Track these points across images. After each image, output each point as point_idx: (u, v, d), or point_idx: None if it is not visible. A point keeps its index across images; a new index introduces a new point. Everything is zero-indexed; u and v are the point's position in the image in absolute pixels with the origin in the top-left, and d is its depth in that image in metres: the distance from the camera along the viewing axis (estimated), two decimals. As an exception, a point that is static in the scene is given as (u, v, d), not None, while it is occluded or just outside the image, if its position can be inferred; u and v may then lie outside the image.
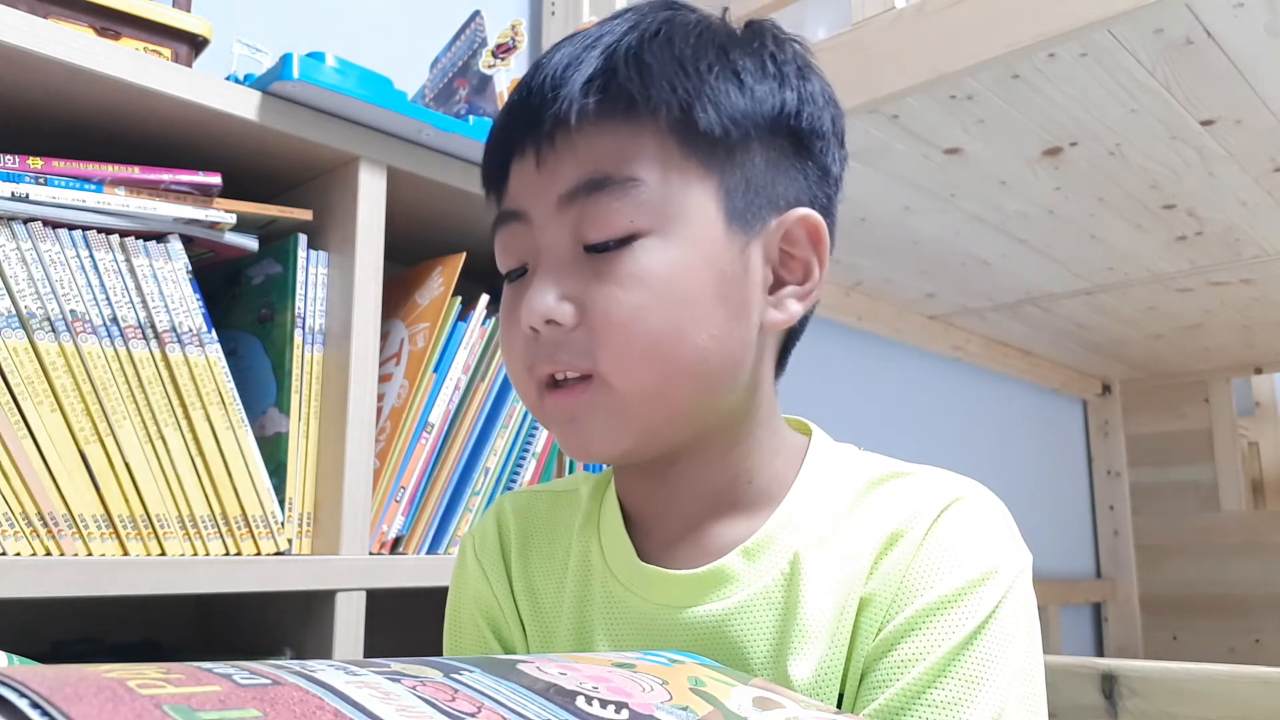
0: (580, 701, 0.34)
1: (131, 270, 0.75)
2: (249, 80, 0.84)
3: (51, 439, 0.70)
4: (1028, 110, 1.10)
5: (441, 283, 0.93)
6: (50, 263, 0.71)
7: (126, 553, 0.72)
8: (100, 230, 0.74)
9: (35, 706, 0.23)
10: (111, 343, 0.73)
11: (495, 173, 0.55)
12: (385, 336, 0.94)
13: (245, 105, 0.80)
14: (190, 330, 0.77)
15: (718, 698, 0.39)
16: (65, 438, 0.71)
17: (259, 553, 0.79)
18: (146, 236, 0.76)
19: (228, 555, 0.77)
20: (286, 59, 0.79)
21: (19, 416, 0.69)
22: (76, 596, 0.68)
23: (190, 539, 0.75)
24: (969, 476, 0.53)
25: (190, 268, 0.78)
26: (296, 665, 0.31)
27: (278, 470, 0.82)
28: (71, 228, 0.73)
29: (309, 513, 0.84)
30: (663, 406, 0.51)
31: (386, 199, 0.87)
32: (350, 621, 0.81)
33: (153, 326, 0.75)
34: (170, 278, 0.77)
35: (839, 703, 0.48)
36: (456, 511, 0.93)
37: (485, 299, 0.96)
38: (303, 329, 0.85)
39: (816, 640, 0.49)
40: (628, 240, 0.49)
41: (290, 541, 0.82)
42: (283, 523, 0.81)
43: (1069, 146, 1.20)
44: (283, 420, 0.84)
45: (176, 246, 0.77)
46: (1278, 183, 1.30)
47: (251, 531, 0.79)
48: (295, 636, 0.84)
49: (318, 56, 0.82)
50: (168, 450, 0.75)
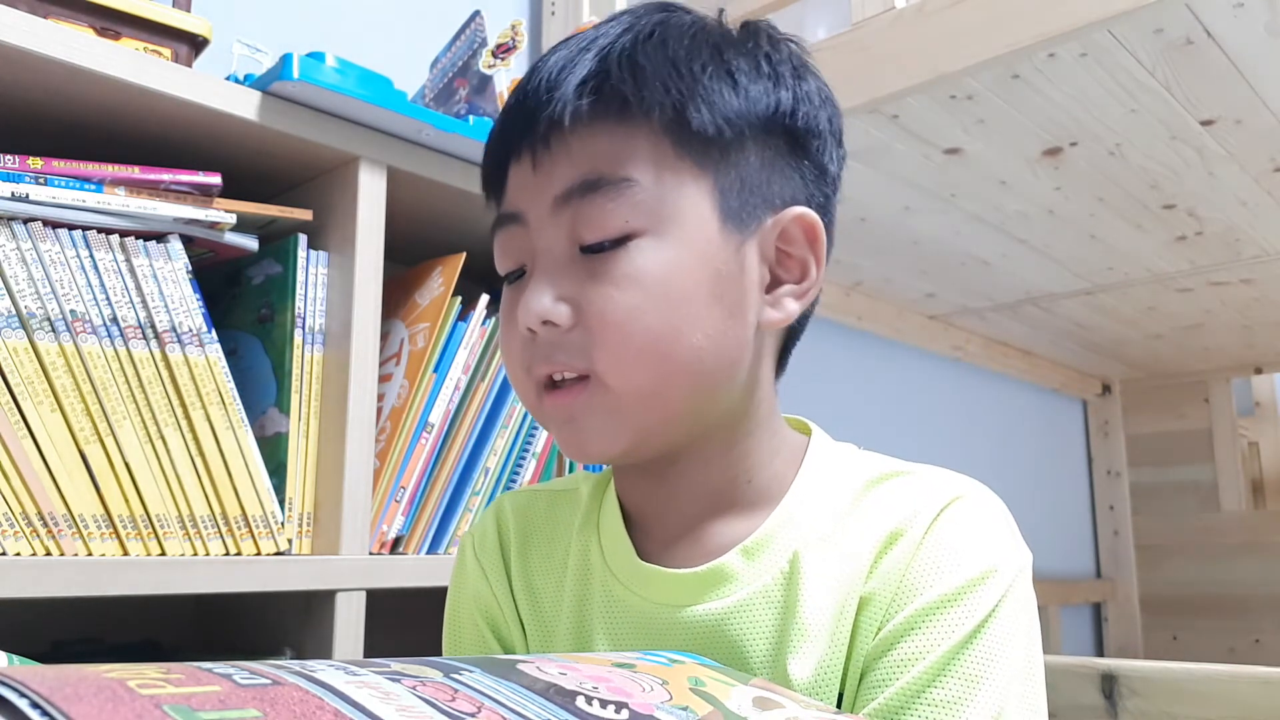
0: (580, 701, 0.34)
1: (131, 270, 0.75)
2: (249, 80, 0.84)
3: (51, 439, 0.70)
4: (1028, 110, 1.10)
5: (441, 283, 0.93)
6: (50, 263, 0.71)
7: (126, 553, 0.72)
8: (100, 230, 0.74)
9: (35, 706, 0.23)
10: (111, 343, 0.73)
11: (493, 176, 0.56)
12: (385, 336, 0.94)
13: (245, 105, 0.80)
14: (190, 330, 0.77)
15: (718, 698, 0.39)
16: (65, 438, 0.71)
17: (259, 553, 0.79)
18: (146, 236, 0.76)
19: (228, 555, 0.77)
20: (286, 59, 0.79)
21: (19, 416, 0.69)
22: (76, 596, 0.68)
23: (190, 539, 0.75)
24: (969, 476, 0.53)
25: (190, 268, 0.78)
26: (296, 665, 0.31)
27: (278, 470, 0.82)
28: (71, 228, 0.73)
29: (309, 513, 0.84)
30: (659, 406, 0.51)
31: (386, 199, 0.87)
32: (350, 621, 0.81)
33: (153, 326, 0.75)
34: (170, 278, 0.77)
35: (839, 702, 0.48)
36: (456, 511, 0.93)
37: (485, 299, 0.96)
38: (303, 329, 0.85)
39: (816, 639, 0.49)
40: (623, 240, 0.50)
41: (290, 541, 0.82)
42: (283, 523, 0.81)
43: (1069, 146, 1.20)
44: (283, 420, 0.84)
45: (176, 246, 0.77)
46: (1278, 183, 1.30)
47: (251, 531, 0.79)
48: (295, 636, 0.84)
49: (318, 56, 0.82)
50: (168, 450, 0.75)
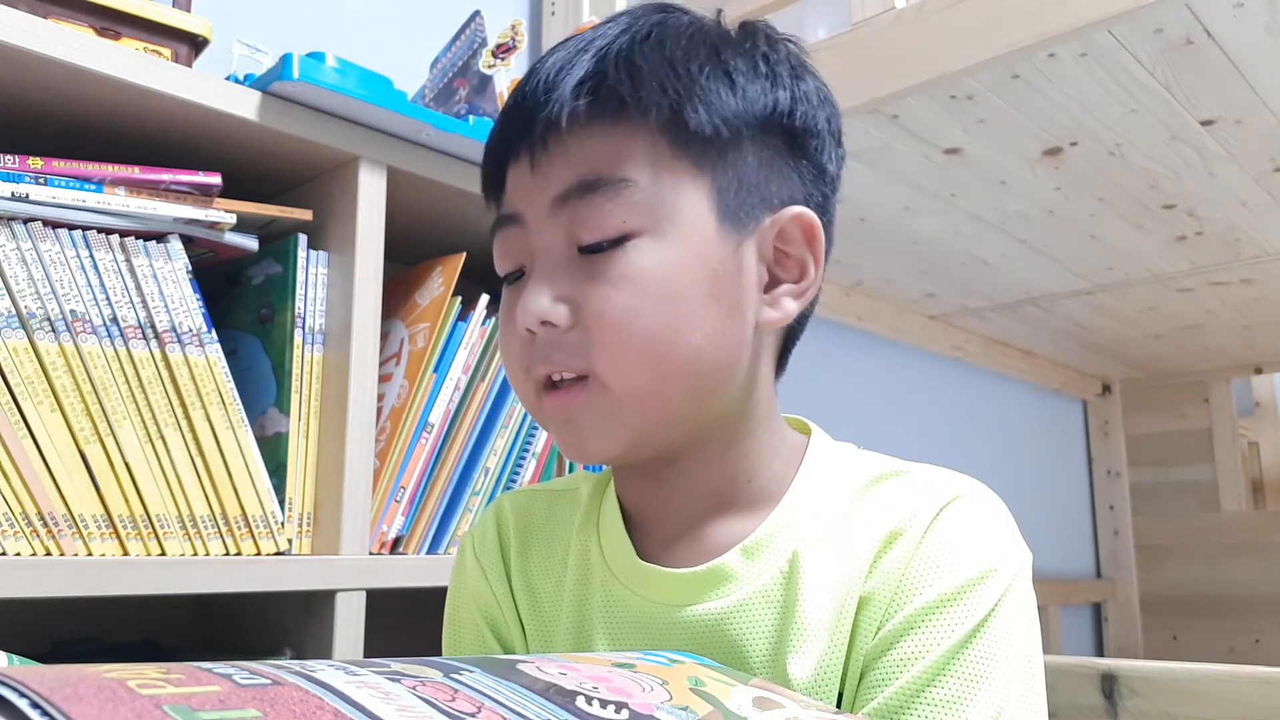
0: (580, 701, 0.34)
1: (131, 270, 0.75)
2: (249, 80, 0.84)
3: (51, 439, 0.70)
4: (1028, 110, 1.10)
5: (441, 283, 0.93)
6: (50, 263, 0.71)
7: (126, 553, 0.72)
8: (100, 230, 0.74)
9: (35, 706, 0.23)
10: (111, 343, 0.73)
11: (493, 178, 0.56)
12: (385, 336, 0.94)
13: (245, 105, 0.80)
14: (190, 330, 0.77)
15: (718, 698, 0.39)
16: (65, 438, 0.71)
17: (259, 553, 0.79)
18: (146, 236, 0.76)
19: (228, 555, 0.77)
20: (286, 59, 0.79)
21: (19, 416, 0.69)
22: (76, 596, 0.68)
23: (190, 539, 0.75)
24: (969, 476, 0.53)
25: (190, 268, 0.78)
26: (296, 665, 0.31)
27: (278, 470, 0.82)
28: (71, 228, 0.73)
29: (309, 513, 0.84)
30: (658, 406, 0.51)
31: (386, 199, 0.87)
32: (350, 621, 0.81)
33: (153, 326, 0.75)
34: (170, 278, 0.77)
35: (838, 701, 0.48)
36: (456, 511, 0.93)
37: (485, 299, 0.96)
38: (303, 329, 0.85)
39: (815, 639, 0.49)
40: (621, 241, 0.50)
41: (290, 541, 0.82)
42: (283, 523, 0.81)
43: (1069, 146, 1.20)
44: (283, 420, 0.84)
45: (176, 246, 0.77)
46: (1278, 183, 1.30)
47: (251, 531, 0.79)
48: (295, 636, 0.84)
49: (318, 56, 0.82)
50: (168, 450, 0.75)
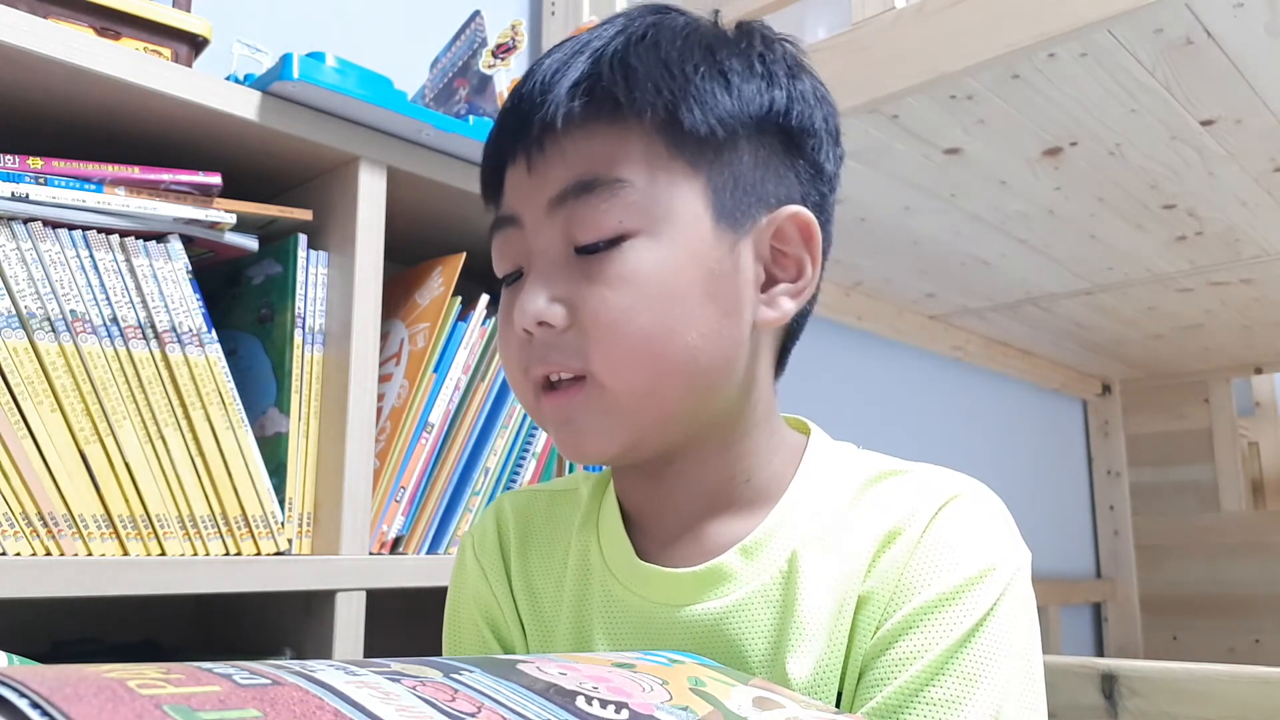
0: (580, 701, 0.34)
1: (131, 270, 0.75)
2: (249, 80, 0.84)
3: (51, 439, 0.70)
4: (1028, 110, 1.10)
5: (441, 283, 0.93)
6: (50, 263, 0.71)
7: (126, 553, 0.72)
8: (100, 230, 0.74)
9: (35, 706, 0.23)
10: (111, 343, 0.73)
11: (491, 179, 0.56)
12: (385, 336, 0.94)
13: (245, 105, 0.80)
14: (190, 330, 0.77)
15: (718, 698, 0.39)
16: (65, 438, 0.71)
17: (259, 553, 0.79)
18: (146, 236, 0.76)
19: (228, 555, 0.77)
20: (286, 59, 0.79)
21: (19, 416, 0.69)
22: (76, 596, 0.68)
23: (190, 539, 0.75)
24: (968, 476, 0.53)
25: (190, 268, 0.78)
26: (296, 665, 0.31)
27: (278, 470, 0.82)
28: (71, 228, 0.73)
29: (309, 513, 0.84)
30: (655, 406, 0.51)
31: (386, 199, 0.88)
32: (350, 621, 0.81)
33: (153, 326, 0.75)
34: (170, 278, 0.77)
35: (837, 700, 0.48)
36: (456, 511, 0.93)
37: (485, 299, 0.96)
38: (303, 329, 0.85)
39: (815, 638, 0.49)
40: (617, 241, 0.50)
41: (290, 541, 0.82)
42: (283, 523, 0.81)
43: (1069, 146, 1.19)
44: (283, 420, 0.84)
45: (176, 246, 0.77)
46: (1278, 183, 1.30)
47: (251, 531, 0.79)
48: (295, 636, 0.84)
49: (318, 56, 0.82)
50: (168, 450, 0.75)
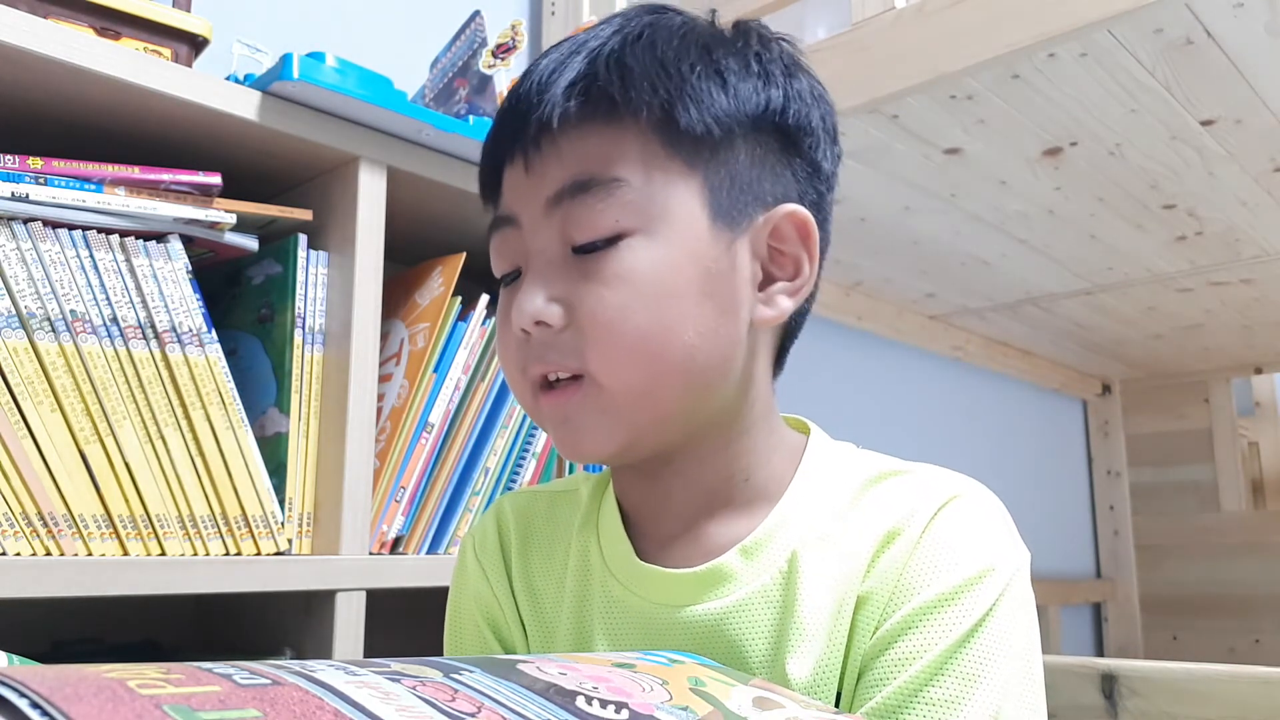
0: (580, 701, 0.34)
1: (131, 270, 0.75)
2: (249, 80, 0.84)
3: (51, 439, 0.70)
4: (1028, 110, 1.10)
5: (441, 283, 0.93)
6: (50, 263, 0.71)
7: (126, 553, 0.72)
8: (100, 230, 0.74)
9: (35, 706, 0.23)
10: (111, 343, 0.73)
11: (489, 179, 0.56)
12: (385, 336, 0.94)
13: (245, 105, 0.80)
14: (190, 330, 0.77)
15: (718, 698, 0.39)
16: (65, 438, 0.71)
17: (259, 553, 0.79)
18: (146, 236, 0.76)
19: (228, 555, 0.77)
20: (286, 59, 0.79)
21: (19, 416, 0.69)
22: (76, 596, 0.68)
23: (190, 539, 0.75)
24: (969, 476, 0.53)
25: (190, 268, 0.78)
26: (296, 665, 0.31)
27: (278, 470, 0.82)
28: (71, 228, 0.73)
29: (309, 513, 0.84)
30: (652, 404, 0.51)
31: (386, 199, 0.88)
32: (350, 621, 0.81)
33: (153, 326, 0.75)
34: (170, 278, 0.77)
35: (836, 700, 0.48)
36: (456, 511, 0.93)
37: (485, 299, 0.96)
38: (303, 329, 0.85)
39: (814, 639, 0.49)
40: (614, 240, 0.50)
41: (290, 541, 0.82)
42: (283, 523, 0.81)
43: (1069, 146, 1.19)
44: (283, 420, 0.84)
45: (176, 246, 0.77)
46: (1278, 183, 1.30)
47: (251, 531, 0.79)
48: (295, 636, 0.84)
49: (318, 56, 0.82)
50: (168, 450, 0.75)
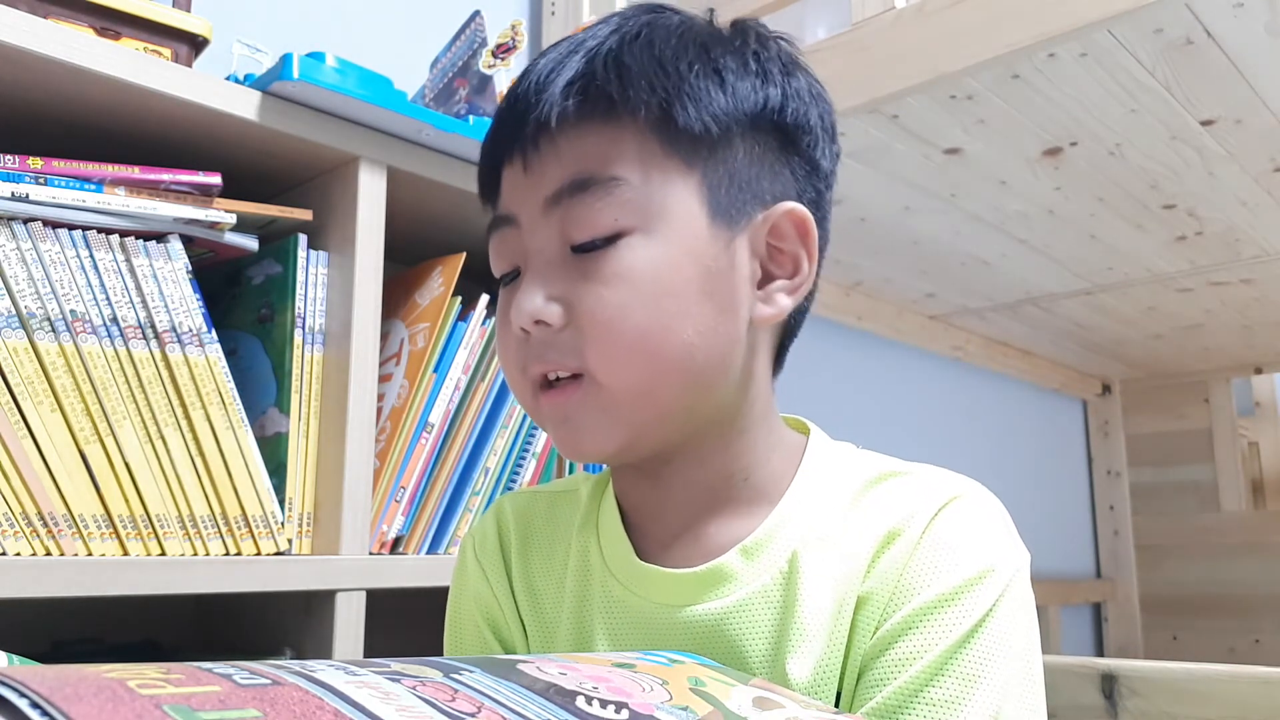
0: (580, 701, 0.34)
1: (131, 270, 0.75)
2: (249, 80, 0.84)
3: (51, 439, 0.70)
4: (1028, 110, 1.10)
5: (441, 283, 0.93)
6: (50, 263, 0.71)
7: (126, 553, 0.72)
8: (100, 230, 0.74)
9: (35, 706, 0.23)
10: (111, 343, 0.73)
11: (487, 179, 0.57)
12: (385, 336, 0.94)
13: (245, 105, 0.80)
14: (190, 330, 0.77)
15: (718, 698, 0.39)
16: (65, 438, 0.71)
17: (259, 553, 0.79)
18: (146, 236, 0.76)
19: (228, 555, 0.77)
20: (286, 59, 0.79)
21: (19, 416, 0.69)
22: (76, 596, 0.68)
23: (190, 539, 0.75)
24: (969, 476, 0.53)
25: (190, 268, 0.78)
26: (296, 665, 0.31)
27: (278, 470, 0.82)
28: (71, 228, 0.73)
29: (309, 513, 0.84)
30: (652, 403, 0.51)
31: (386, 199, 0.88)
32: (350, 621, 0.81)
33: (153, 326, 0.75)
34: (170, 278, 0.77)
35: (836, 700, 0.48)
36: (456, 511, 0.93)
37: (485, 299, 0.96)
38: (303, 329, 0.85)
39: (814, 639, 0.49)
40: (613, 239, 0.50)
41: (290, 541, 0.82)
42: (283, 523, 0.81)
43: (1069, 146, 1.19)
44: (283, 420, 0.84)
45: (176, 246, 0.77)
46: (1278, 183, 1.30)
47: (251, 531, 0.79)
48: (295, 636, 0.84)
49: (318, 56, 0.82)
50: (168, 450, 0.75)
